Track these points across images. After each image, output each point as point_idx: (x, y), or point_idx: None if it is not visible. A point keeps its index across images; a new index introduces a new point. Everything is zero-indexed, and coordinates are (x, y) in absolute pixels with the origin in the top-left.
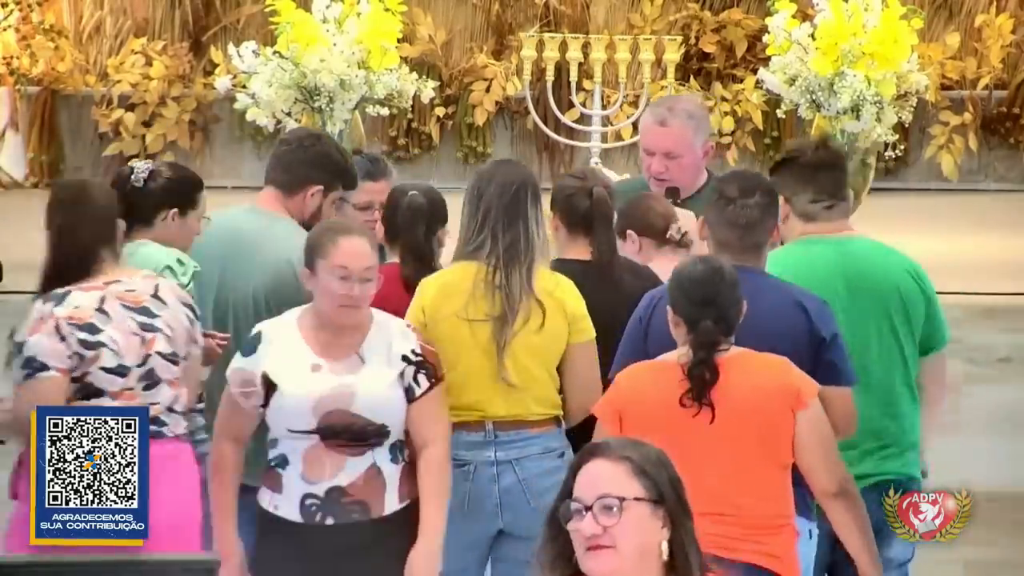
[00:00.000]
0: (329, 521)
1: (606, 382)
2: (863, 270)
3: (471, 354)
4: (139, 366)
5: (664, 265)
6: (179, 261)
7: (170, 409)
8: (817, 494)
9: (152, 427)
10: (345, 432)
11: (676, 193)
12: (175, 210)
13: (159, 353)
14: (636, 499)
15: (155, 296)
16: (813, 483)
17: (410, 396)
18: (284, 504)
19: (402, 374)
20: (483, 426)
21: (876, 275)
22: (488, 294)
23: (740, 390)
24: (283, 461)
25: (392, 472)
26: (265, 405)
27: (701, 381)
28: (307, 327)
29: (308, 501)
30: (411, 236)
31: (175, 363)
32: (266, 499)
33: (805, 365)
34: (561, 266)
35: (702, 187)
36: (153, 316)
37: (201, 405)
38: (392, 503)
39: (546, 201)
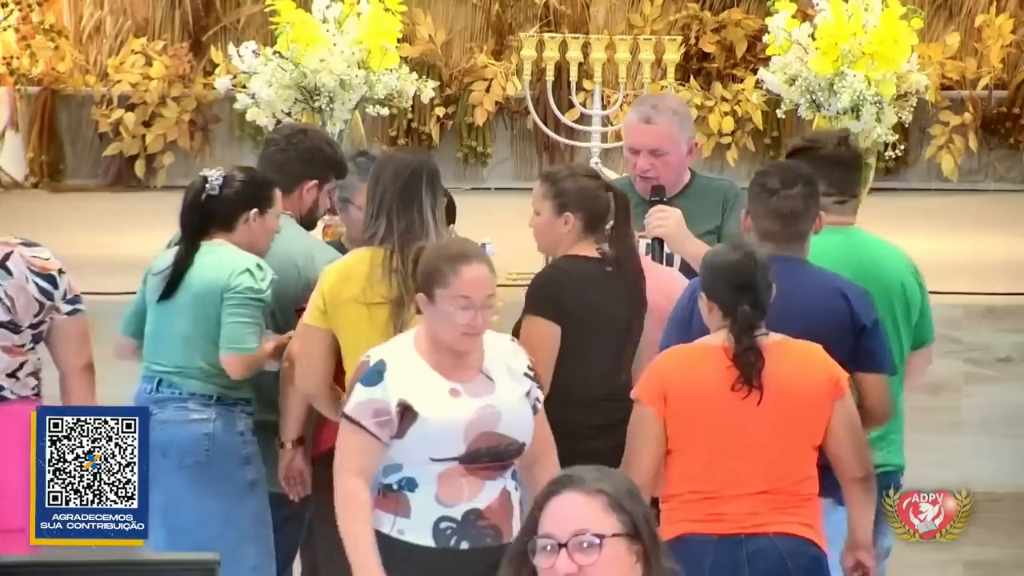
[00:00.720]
0: (464, 545)
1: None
2: (871, 263)
3: (371, 337)
4: None
5: None
6: (258, 266)
7: (10, 375)
8: (844, 478)
9: None
10: (488, 454)
11: (662, 191)
12: (255, 211)
13: None
14: (614, 535)
15: (1, 266)
16: (842, 468)
17: (535, 410)
18: (412, 528)
19: (528, 391)
20: None
21: (883, 268)
22: (385, 278)
23: (785, 375)
24: (410, 484)
25: (515, 497)
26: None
27: (750, 366)
28: (426, 351)
29: (443, 524)
30: None
31: (15, 331)
32: (387, 523)
33: (846, 352)
34: (574, 264)
35: (687, 185)
36: None
37: (249, 407)
38: (516, 529)
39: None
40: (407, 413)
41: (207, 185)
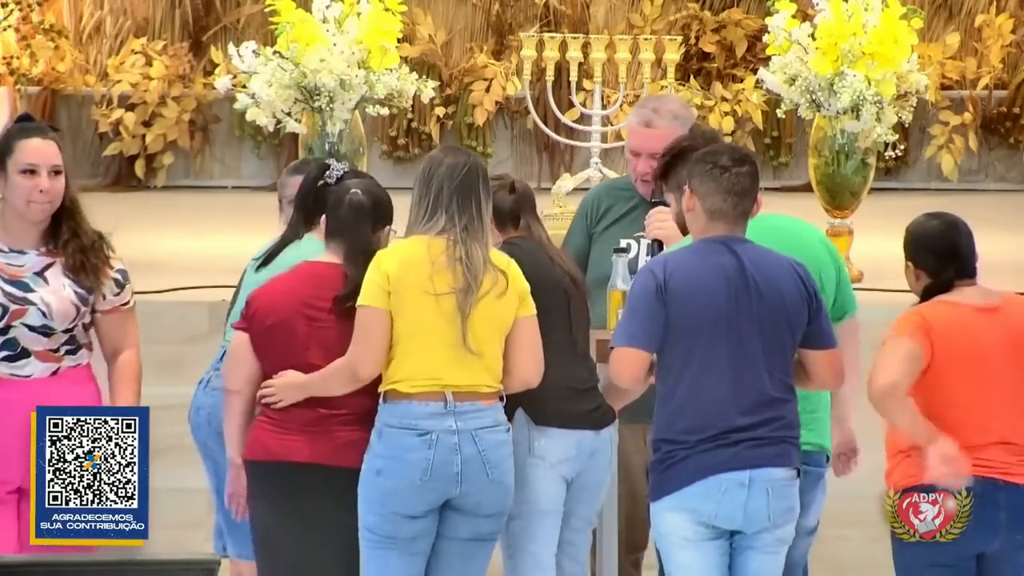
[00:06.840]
0: None
1: (605, 350)
2: (781, 243)
3: (434, 325)
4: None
5: None
6: None
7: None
8: None
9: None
10: None
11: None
12: None
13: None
14: None
15: None
16: None
17: None
18: None
19: None
20: (443, 396)
21: (792, 247)
22: (450, 267)
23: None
24: None
25: None
26: None
27: None
28: None
29: None
30: (357, 235)
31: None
32: None
33: (803, 327)
34: (508, 247)
35: None
36: None
37: None
38: None
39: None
40: None
41: (327, 174)
